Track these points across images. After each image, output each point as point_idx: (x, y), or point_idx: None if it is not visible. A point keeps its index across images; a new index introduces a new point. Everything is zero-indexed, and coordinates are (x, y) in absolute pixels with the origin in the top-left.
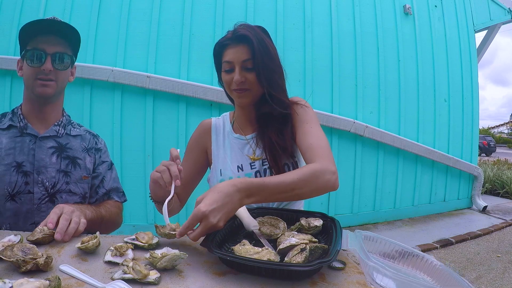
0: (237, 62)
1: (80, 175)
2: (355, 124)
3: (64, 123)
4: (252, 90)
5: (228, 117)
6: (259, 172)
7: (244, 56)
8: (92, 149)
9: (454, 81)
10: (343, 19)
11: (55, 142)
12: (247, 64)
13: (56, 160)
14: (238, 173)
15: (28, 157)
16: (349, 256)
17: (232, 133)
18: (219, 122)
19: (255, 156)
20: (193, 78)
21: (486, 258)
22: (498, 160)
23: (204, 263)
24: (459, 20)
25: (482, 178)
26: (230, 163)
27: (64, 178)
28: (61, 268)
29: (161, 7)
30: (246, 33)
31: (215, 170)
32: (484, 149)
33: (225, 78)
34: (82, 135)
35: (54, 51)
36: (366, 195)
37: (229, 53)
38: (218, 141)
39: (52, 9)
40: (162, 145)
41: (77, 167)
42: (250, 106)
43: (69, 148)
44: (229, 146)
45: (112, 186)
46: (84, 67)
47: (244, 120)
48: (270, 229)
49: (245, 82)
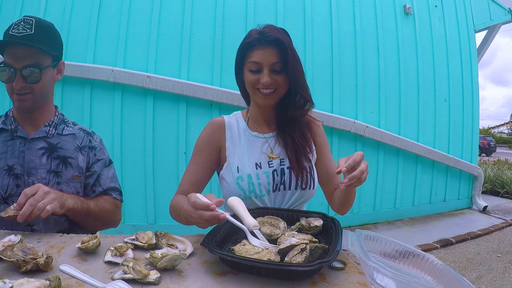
0: (266, 64)
1: (71, 174)
2: (355, 124)
3: (55, 122)
4: (278, 92)
5: (240, 115)
6: (276, 171)
7: (273, 59)
8: (85, 148)
9: (454, 81)
10: (343, 19)
11: (46, 142)
12: (276, 66)
13: (47, 160)
14: (256, 171)
15: (19, 160)
16: (349, 256)
17: (249, 131)
18: (232, 120)
19: (273, 155)
20: (193, 78)
21: (486, 258)
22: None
23: (204, 263)
24: (459, 20)
25: (482, 178)
26: (248, 161)
27: (55, 178)
28: (61, 268)
29: (161, 7)
30: (277, 36)
31: (230, 167)
32: (484, 149)
33: (250, 77)
34: (75, 133)
35: (23, 65)
36: (366, 195)
37: (257, 54)
38: (233, 138)
39: (52, 9)
40: (162, 145)
41: (68, 167)
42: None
43: (60, 147)
44: (245, 144)
45: (109, 185)
46: (84, 67)
47: (261, 119)
48: (270, 229)
49: (273, 84)
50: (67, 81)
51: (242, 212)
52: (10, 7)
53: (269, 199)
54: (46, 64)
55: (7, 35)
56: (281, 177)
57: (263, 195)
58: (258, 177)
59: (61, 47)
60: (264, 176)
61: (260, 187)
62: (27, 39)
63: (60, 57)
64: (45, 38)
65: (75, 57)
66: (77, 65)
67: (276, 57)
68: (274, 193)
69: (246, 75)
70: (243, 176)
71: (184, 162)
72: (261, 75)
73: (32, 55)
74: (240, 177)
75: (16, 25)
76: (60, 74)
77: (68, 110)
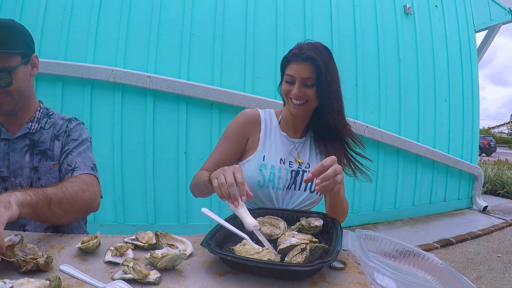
0: (298, 78)
1: (48, 165)
2: (355, 124)
3: (38, 117)
4: (308, 104)
5: (274, 114)
6: (294, 171)
7: (305, 74)
8: (61, 133)
9: (454, 81)
10: (343, 19)
11: (28, 140)
12: (307, 81)
13: (29, 158)
14: (280, 165)
15: (4, 162)
16: (349, 256)
17: (279, 131)
18: (266, 116)
19: (300, 159)
20: (193, 78)
21: (487, 258)
22: (498, 160)
23: (204, 263)
24: (460, 20)
25: (482, 178)
26: (275, 154)
27: (35, 175)
28: (62, 268)
29: (161, 7)
30: (312, 54)
31: (257, 153)
32: (485, 149)
33: (285, 87)
34: (54, 123)
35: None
36: (366, 195)
37: (292, 68)
38: (267, 131)
39: (52, 9)
40: (162, 145)
41: (47, 159)
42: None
43: (41, 142)
44: (275, 140)
45: (77, 159)
46: (84, 67)
47: (292, 124)
48: (270, 229)
49: (302, 97)
50: (67, 81)
51: (242, 213)
52: (10, 7)
53: (281, 195)
54: (15, 64)
55: None
56: (295, 177)
57: (279, 188)
58: (280, 171)
59: (28, 42)
60: (285, 172)
61: (279, 180)
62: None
63: (29, 52)
64: (6, 39)
65: (75, 57)
66: (77, 65)
67: (309, 73)
68: (286, 190)
69: (283, 85)
70: (267, 164)
71: (184, 162)
72: (293, 87)
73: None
74: (265, 165)
75: None
76: (36, 68)
77: (68, 110)
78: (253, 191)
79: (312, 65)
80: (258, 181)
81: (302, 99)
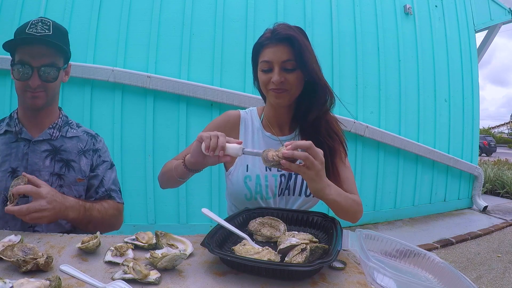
0: (276, 62)
1: (74, 177)
2: (355, 124)
3: (59, 125)
4: (290, 91)
5: (255, 112)
6: (284, 175)
7: (284, 57)
8: (89, 151)
9: (454, 81)
10: (343, 19)
11: (49, 145)
12: (287, 65)
13: (50, 163)
14: (265, 172)
15: (22, 162)
16: (349, 256)
17: (262, 131)
18: (247, 116)
19: None
20: (193, 78)
21: (487, 258)
22: (498, 160)
23: (204, 263)
24: (460, 20)
25: (482, 178)
26: (259, 160)
27: (57, 181)
28: (62, 268)
29: (161, 7)
30: (288, 33)
31: (240, 165)
32: (485, 149)
33: (262, 77)
34: (79, 136)
35: (40, 64)
36: (366, 195)
37: (268, 53)
38: (247, 135)
39: (52, 9)
40: (162, 145)
41: (71, 170)
42: (284, 107)
43: (64, 150)
44: (258, 143)
45: (112, 187)
46: (85, 67)
47: (275, 121)
48: (270, 231)
49: (284, 83)
50: (67, 81)
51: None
52: (10, 7)
53: (274, 202)
54: (60, 64)
55: (23, 34)
56: (287, 181)
57: (269, 197)
58: (266, 179)
59: (70, 50)
60: (272, 178)
61: (267, 189)
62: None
63: (68, 59)
64: (61, 40)
65: (75, 57)
66: (77, 65)
67: (288, 54)
68: (279, 197)
69: (259, 75)
70: (251, 175)
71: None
72: (272, 74)
73: (49, 55)
74: (249, 176)
75: (34, 25)
76: (67, 76)
77: (68, 110)
78: (242, 205)
79: (290, 45)
80: (245, 195)
81: (283, 85)
